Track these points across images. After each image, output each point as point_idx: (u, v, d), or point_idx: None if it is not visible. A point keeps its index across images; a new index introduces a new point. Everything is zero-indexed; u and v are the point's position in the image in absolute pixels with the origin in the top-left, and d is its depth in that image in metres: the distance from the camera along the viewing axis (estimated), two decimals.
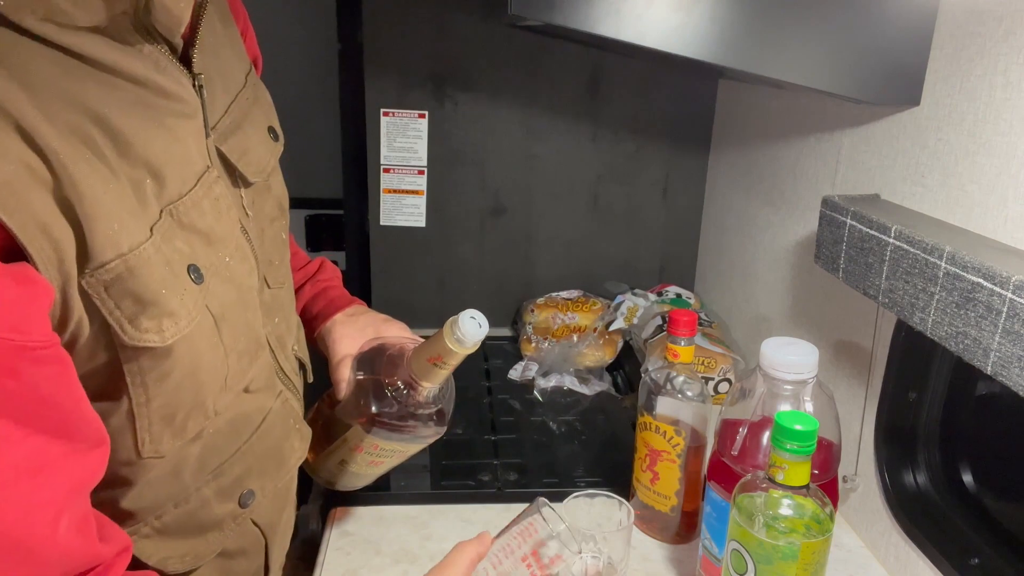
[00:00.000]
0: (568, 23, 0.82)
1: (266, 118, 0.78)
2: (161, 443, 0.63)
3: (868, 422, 0.93)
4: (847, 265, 0.83)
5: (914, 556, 0.85)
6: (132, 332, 0.55)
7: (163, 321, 0.57)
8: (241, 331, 0.68)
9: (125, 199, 0.54)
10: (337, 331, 0.89)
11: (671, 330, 0.88)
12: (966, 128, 0.76)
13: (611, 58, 1.44)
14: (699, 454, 0.91)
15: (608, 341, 1.38)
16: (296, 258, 0.96)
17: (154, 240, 0.56)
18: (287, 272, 0.83)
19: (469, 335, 0.74)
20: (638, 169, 1.53)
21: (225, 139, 0.69)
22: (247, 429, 0.72)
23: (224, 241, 0.65)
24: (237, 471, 0.72)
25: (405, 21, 1.40)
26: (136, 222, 0.55)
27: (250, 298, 0.70)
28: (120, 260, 0.53)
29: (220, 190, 0.65)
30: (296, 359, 0.83)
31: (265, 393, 0.74)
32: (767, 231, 1.24)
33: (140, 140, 0.56)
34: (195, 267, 0.60)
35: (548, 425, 1.22)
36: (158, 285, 0.56)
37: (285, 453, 0.78)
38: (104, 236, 0.52)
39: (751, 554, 0.68)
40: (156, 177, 0.58)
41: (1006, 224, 0.71)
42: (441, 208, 1.52)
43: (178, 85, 0.60)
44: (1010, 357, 0.61)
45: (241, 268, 0.68)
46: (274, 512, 0.79)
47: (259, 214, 0.74)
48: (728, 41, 0.83)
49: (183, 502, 0.68)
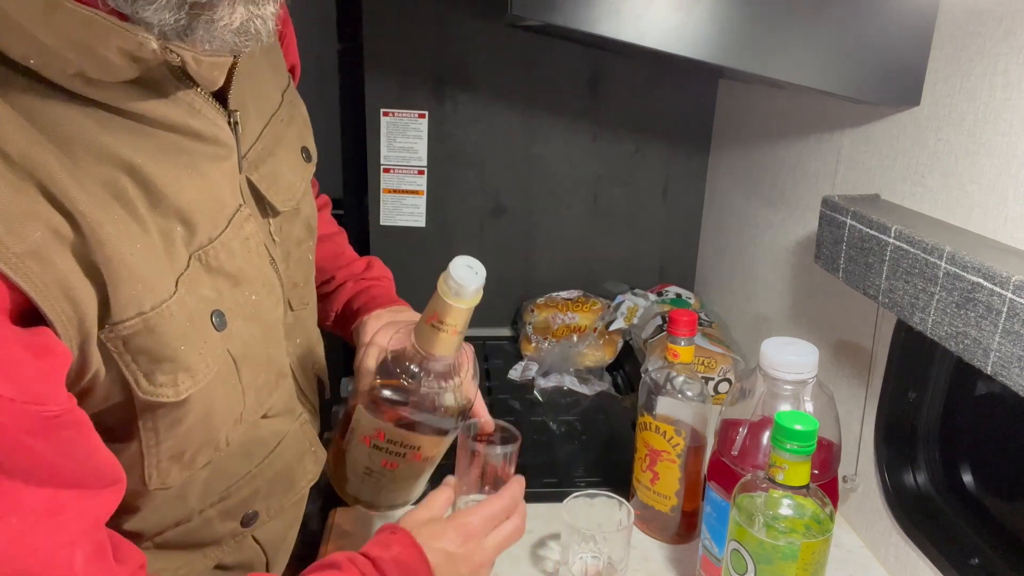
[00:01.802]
0: (568, 23, 0.82)
1: (300, 138, 0.76)
2: (169, 476, 0.62)
3: (868, 422, 0.93)
4: (847, 265, 0.83)
5: (914, 556, 0.85)
6: (147, 387, 0.55)
7: (179, 376, 0.57)
8: (262, 366, 0.67)
9: (152, 255, 0.54)
10: (371, 324, 0.82)
11: (671, 330, 0.88)
12: (966, 128, 0.76)
13: (611, 58, 1.44)
14: (699, 454, 0.91)
15: (608, 341, 1.38)
16: (343, 256, 0.95)
17: (178, 295, 0.56)
18: (311, 292, 0.81)
19: (465, 283, 0.66)
20: (638, 169, 1.53)
21: (256, 167, 0.67)
22: (260, 453, 0.71)
23: (251, 280, 0.64)
24: (244, 493, 0.71)
25: (405, 21, 1.40)
26: (161, 279, 0.55)
27: (275, 332, 0.69)
28: (140, 319, 0.53)
29: (250, 228, 0.64)
30: (315, 377, 0.82)
31: (284, 418, 0.73)
32: (767, 231, 1.24)
33: (173, 189, 0.55)
34: (219, 312, 0.60)
35: (548, 425, 1.22)
36: (177, 342, 0.56)
37: (296, 476, 0.77)
38: (127, 296, 0.52)
39: (751, 554, 0.68)
40: (187, 224, 0.57)
41: (1006, 224, 0.71)
42: (441, 208, 1.52)
43: (214, 127, 0.59)
44: (1010, 357, 0.61)
45: (267, 302, 0.67)
46: (278, 531, 0.78)
47: (287, 238, 0.73)
48: (728, 41, 0.83)
49: (185, 521, 0.68)
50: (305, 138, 0.78)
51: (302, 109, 0.79)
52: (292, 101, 0.76)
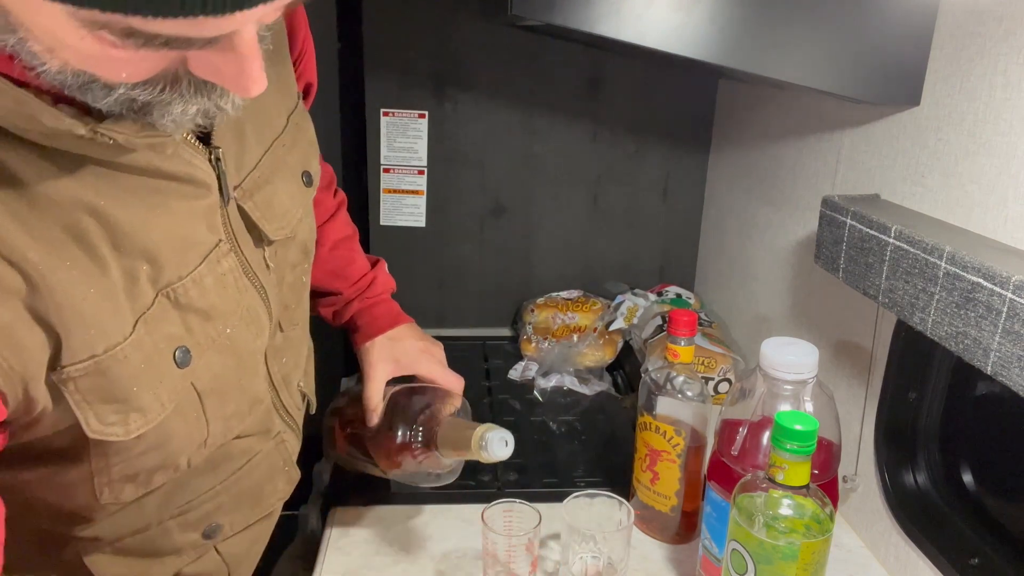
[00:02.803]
0: (568, 23, 0.82)
1: (302, 162, 0.75)
2: (122, 494, 0.61)
3: (868, 422, 0.93)
4: (847, 265, 0.83)
5: (914, 556, 0.85)
6: (96, 426, 0.54)
7: (130, 415, 0.56)
8: (232, 397, 0.66)
9: (109, 299, 0.53)
10: (375, 354, 0.89)
11: (671, 330, 0.88)
12: (966, 128, 0.76)
13: (611, 58, 1.44)
14: (699, 454, 0.91)
15: (608, 341, 1.38)
16: (352, 266, 0.95)
17: (135, 336, 0.54)
18: (303, 312, 0.81)
19: (495, 453, 0.77)
20: (638, 169, 1.53)
21: (250, 196, 0.66)
22: (228, 469, 0.70)
23: (226, 315, 0.63)
24: (207, 507, 0.70)
25: (405, 21, 1.40)
26: (116, 322, 0.53)
27: (251, 362, 0.68)
28: (92, 361, 0.52)
29: (228, 264, 0.63)
30: (301, 394, 0.82)
31: (258, 438, 0.72)
32: (767, 231, 1.24)
33: (139, 230, 0.54)
34: (184, 348, 0.58)
35: (548, 425, 1.22)
36: (130, 383, 0.55)
37: (265, 493, 0.76)
38: (79, 341, 0.51)
39: (751, 554, 0.68)
40: (154, 263, 0.56)
41: (1006, 224, 0.71)
42: (441, 208, 1.52)
43: (189, 167, 0.57)
44: (1010, 357, 0.61)
45: (245, 334, 0.66)
46: (243, 545, 0.77)
47: (281, 263, 0.72)
48: (728, 41, 0.83)
49: (143, 530, 0.67)
50: (308, 161, 0.76)
51: (308, 132, 0.77)
52: (299, 123, 0.74)
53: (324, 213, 0.94)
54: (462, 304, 1.59)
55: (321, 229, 0.91)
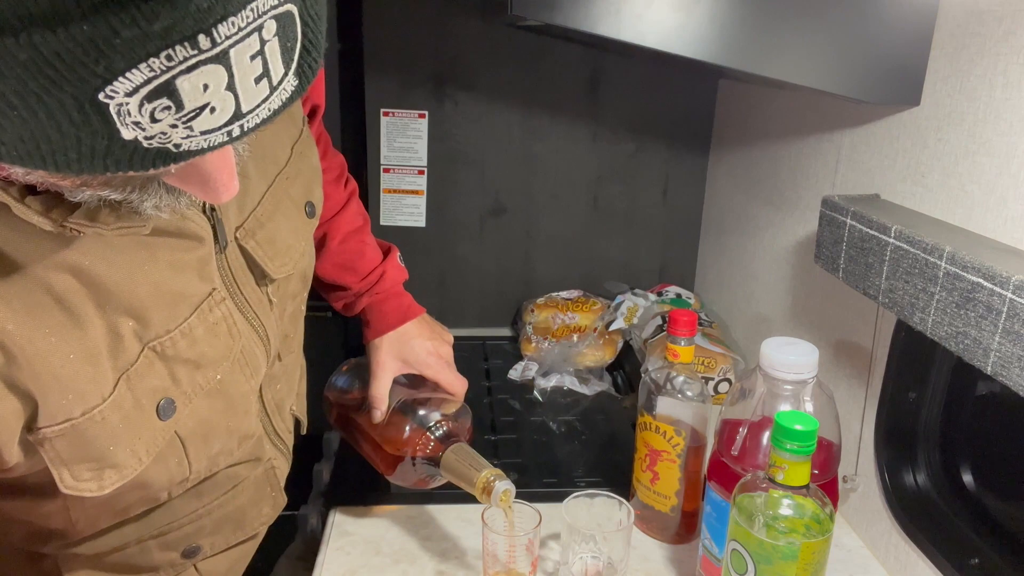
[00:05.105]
0: (568, 23, 0.82)
1: (305, 192, 0.73)
2: (99, 522, 0.61)
3: (868, 422, 0.93)
4: (847, 265, 0.83)
5: (914, 556, 0.85)
6: (70, 482, 0.54)
7: (105, 472, 0.55)
8: (220, 438, 0.65)
9: (89, 361, 0.52)
10: (383, 352, 0.90)
11: (671, 330, 0.88)
12: (966, 128, 0.76)
13: (611, 58, 1.44)
14: (699, 454, 0.91)
15: (608, 341, 1.38)
16: (363, 259, 0.94)
17: (115, 397, 0.54)
18: (300, 335, 0.82)
19: (498, 503, 0.78)
20: (638, 169, 1.53)
21: (253, 235, 0.65)
22: (212, 494, 0.70)
23: (217, 362, 0.62)
24: (188, 530, 0.69)
25: (405, 21, 1.39)
26: (96, 384, 0.53)
27: (242, 403, 0.67)
28: (69, 423, 0.52)
29: (221, 312, 0.62)
30: (293, 417, 0.82)
31: (247, 465, 0.72)
32: (767, 231, 1.24)
33: (124, 288, 0.53)
34: (169, 399, 0.57)
35: (548, 425, 1.22)
36: (106, 443, 0.54)
37: (249, 518, 0.76)
38: (56, 405, 0.51)
39: (751, 554, 0.68)
40: (140, 319, 0.55)
41: (1006, 224, 0.71)
42: (441, 208, 1.52)
43: (181, 221, 0.56)
44: (1010, 357, 0.61)
45: (238, 378, 0.65)
46: (223, 565, 0.77)
47: (283, 296, 0.71)
48: (728, 41, 0.83)
49: (121, 548, 0.66)
50: (311, 191, 0.75)
51: (312, 158, 0.76)
52: (302, 152, 0.73)
53: (334, 207, 0.92)
54: (462, 304, 1.59)
55: (331, 222, 0.91)
